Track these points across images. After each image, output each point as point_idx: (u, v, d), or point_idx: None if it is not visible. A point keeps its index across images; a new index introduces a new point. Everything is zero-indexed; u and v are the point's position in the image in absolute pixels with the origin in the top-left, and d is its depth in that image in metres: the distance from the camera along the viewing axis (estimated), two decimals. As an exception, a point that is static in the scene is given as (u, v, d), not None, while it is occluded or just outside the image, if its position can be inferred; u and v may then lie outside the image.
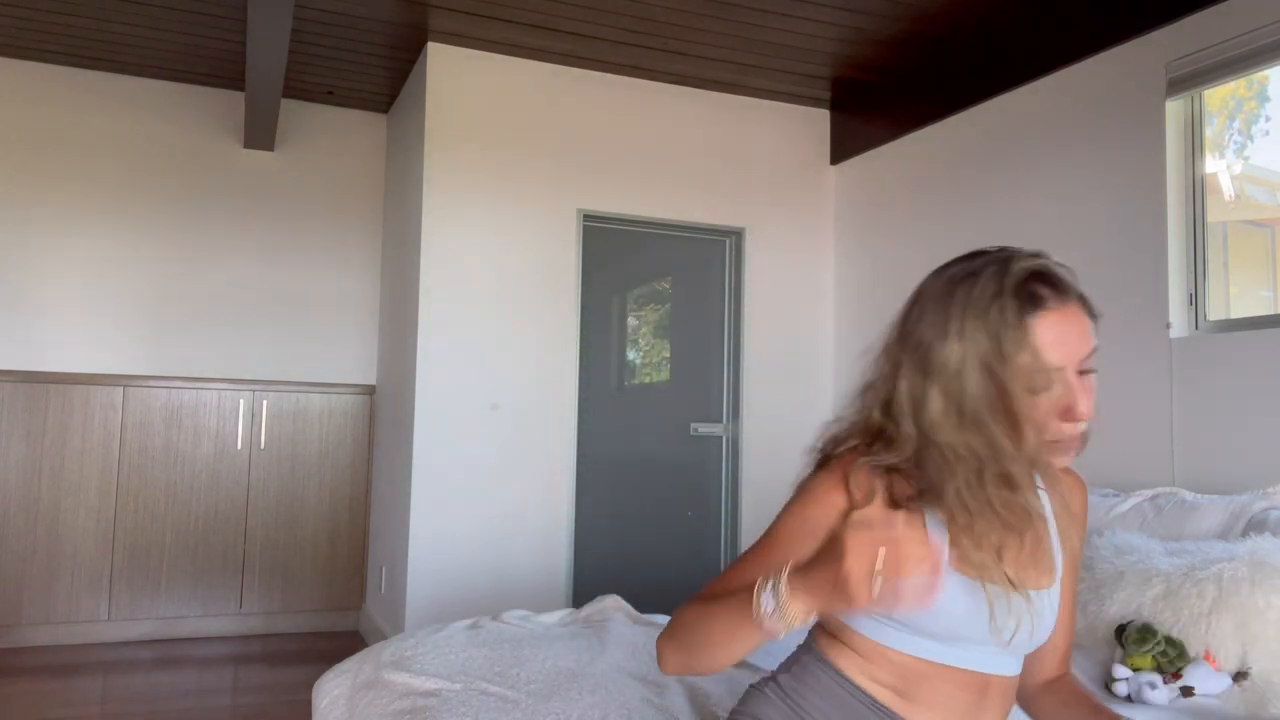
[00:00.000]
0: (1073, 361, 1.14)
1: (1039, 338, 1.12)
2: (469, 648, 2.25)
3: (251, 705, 3.70)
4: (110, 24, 4.11)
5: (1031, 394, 1.12)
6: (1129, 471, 3.19)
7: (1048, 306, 1.13)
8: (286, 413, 4.91)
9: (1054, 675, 1.36)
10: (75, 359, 4.59)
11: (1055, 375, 1.12)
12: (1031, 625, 1.21)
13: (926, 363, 1.17)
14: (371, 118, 5.16)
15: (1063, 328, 1.13)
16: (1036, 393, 1.12)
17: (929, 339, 1.17)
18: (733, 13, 3.80)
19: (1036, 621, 1.21)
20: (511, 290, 4.24)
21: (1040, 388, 1.12)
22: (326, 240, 5.06)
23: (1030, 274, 1.15)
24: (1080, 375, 1.15)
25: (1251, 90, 3.15)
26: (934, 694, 1.21)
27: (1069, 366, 1.13)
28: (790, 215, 4.78)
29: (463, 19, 3.92)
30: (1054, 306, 1.14)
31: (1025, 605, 1.20)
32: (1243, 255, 3.26)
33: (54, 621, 4.46)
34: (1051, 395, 1.12)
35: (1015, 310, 1.13)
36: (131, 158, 4.73)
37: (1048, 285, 1.15)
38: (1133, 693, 2.11)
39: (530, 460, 4.22)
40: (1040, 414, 1.13)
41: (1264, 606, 2.13)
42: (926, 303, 1.20)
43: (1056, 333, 1.13)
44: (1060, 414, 1.13)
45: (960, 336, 1.14)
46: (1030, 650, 1.26)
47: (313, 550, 4.91)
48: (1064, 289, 1.15)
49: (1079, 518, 1.32)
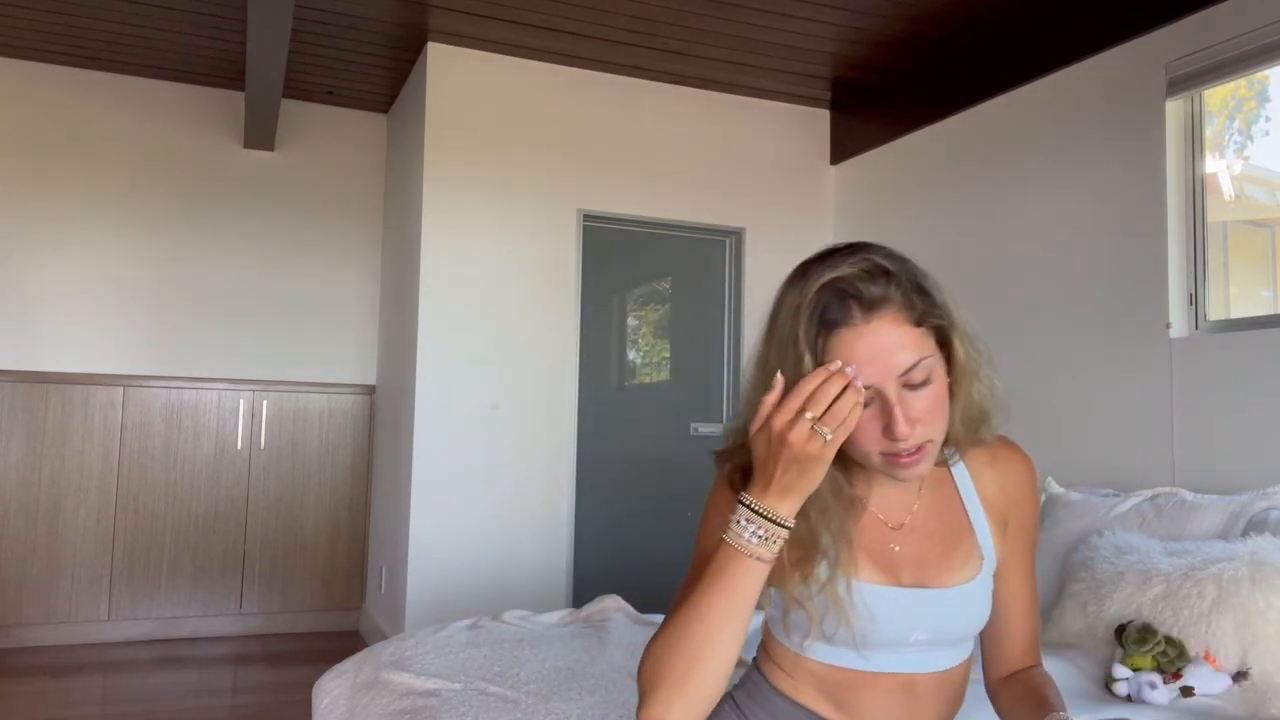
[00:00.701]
0: (886, 378, 1.06)
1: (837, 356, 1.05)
2: (469, 648, 2.25)
3: (251, 705, 3.70)
4: (110, 24, 4.11)
5: None
6: (1129, 471, 3.19)
7: (846, 324, 1.06)
8: (286, 413, 4.91)
9: (1020, 667, 1.30)
10: (75, 359, 4.59)
11: (866, 394, 1.05)
12: (942, 623, 1.19)
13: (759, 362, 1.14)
14: (371, 118, 5.17)
15: (863, 346, 1.05)
16: None
17: (761, 341, 1.15)
18: (733, 13, 3.80)
19: (951, 619, 1.20)
20: (511, 290, 4.24)
21: None
22: (326, 240, 5.06)
23: (825, 288, 1.07)
24: (908, 389, 1.07)
25: (1251, 90, 3.15)
26: (862, 701, 1.21)
27: (883, 383, 1.06)
28: (790, 215, 4.78)
29: (463, 19, 3.92)
30: (853, 324, 1.06)
31: (928, 603, 1.19)
32: (1243, 255, 3.26)
33: (54, 621, 4.46)
34: (870, 411, 1.06)
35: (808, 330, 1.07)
36: (131, 157, 4.73)
37: (845, 301, 1.06)
38: (1133, 693, 2.11)
39: (530, 460, 4.22)
40: (862, 434, 1.07)
41: (1264, 606, 2.13)
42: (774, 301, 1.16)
43: (855, 353, 1.05)
44: (882, 431, 1.07)
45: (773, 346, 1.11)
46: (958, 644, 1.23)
47: (313, 550, 4.91)
48: (864, 299, 1.06)
49: (1022, 499, 1.27)
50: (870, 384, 1.06)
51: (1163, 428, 3.12)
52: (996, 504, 1.26)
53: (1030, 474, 1.29)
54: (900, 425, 1.05)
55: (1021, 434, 3.92)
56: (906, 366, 1.06)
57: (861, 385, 1.03)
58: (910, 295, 1.09)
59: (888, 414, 1.06)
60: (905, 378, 1.07)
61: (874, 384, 1.06)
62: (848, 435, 1.02)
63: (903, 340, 1.07)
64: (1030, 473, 1.29)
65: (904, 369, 1.06)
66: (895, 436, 1.06)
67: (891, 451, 1.08)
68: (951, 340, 1.13)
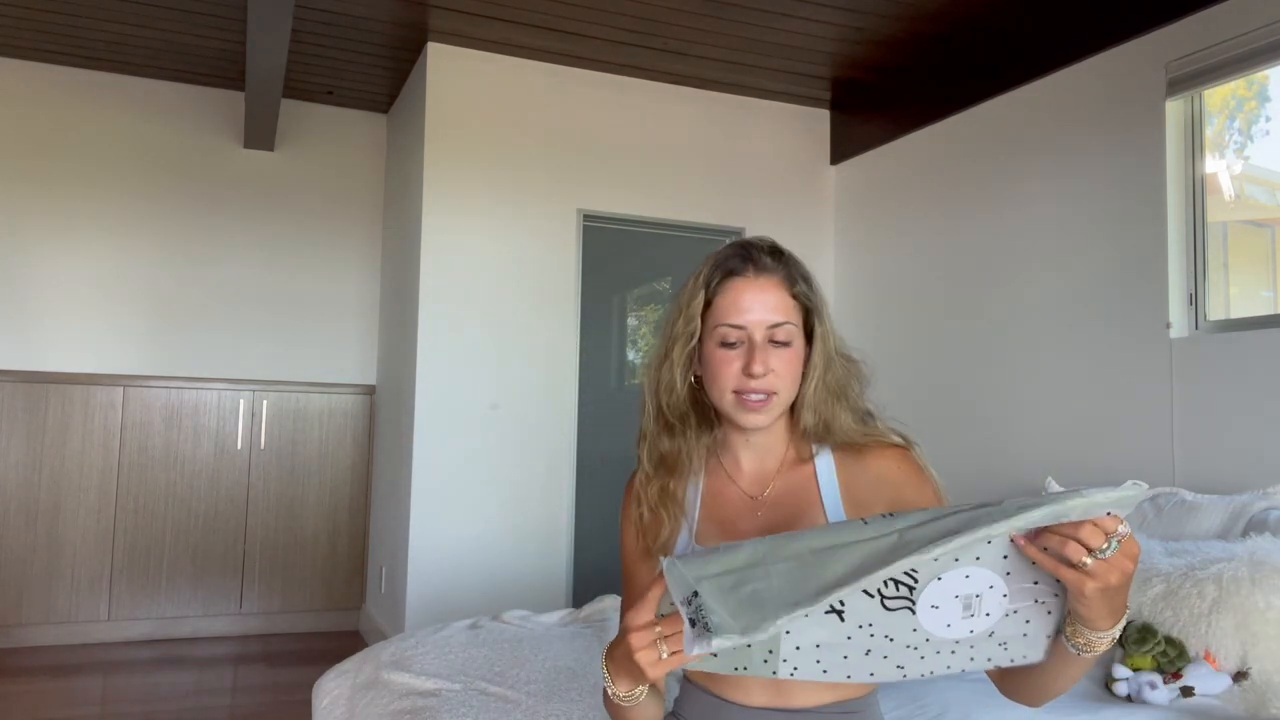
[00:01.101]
0: (757, 326, 1.29)
1: (725, 298, 1.30)
2: (469, 648, 2.25)
3: (251, 705, 3.70)
4: (110, 24, 4.11)
5: (720, 346, 1.29)
6: (1129, 471, 3.19)
7: (739, 274, 1.31)
8: (286, 413, 4.91)
9: None
10: (75, 359, 4.59)
11: (739, 333, 1.29)
12: None
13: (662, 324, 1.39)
14: (371, 118, 5.17)
15: (747, 292, 1.30)
16: (723, 345, 1.29)
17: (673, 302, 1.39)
18: (733, 13, 3.80)
19: None
20: (511, 290, 4.24)
21: (725, 340, 1.29)
22: (326, 240, 5.06)
23: (731, 248, 1.35)
24: (771, 344, 1.29)
25: (1251, 90, 3.15)
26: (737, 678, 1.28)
27: (754, 329, 1.29)
28: (790, 215, 4.78)
29: (463, 19, 3.92)
30: (745, 275, 1.31)
31: None
32: (1243, 255, 3.26)
33: (54, 621, 4.46)
34: (736, 351, 1.29)
35: (709, 273, 1.33)
36: (132, 157, 4.73)
37: (744, 260, 1.32)
38: (1133, 693, 2.11)
39: (530, 460, 4.22)
40: (726, 368, 1.29)
41: (1264, 606, 2.13)
42: None
43: (741, 296, 1.30)
44: (741, 369, 1.28)
45: (679, 295, 1.36)
46: None
47: (313, 550, 4.91)
48: (759, 263, 1.31)
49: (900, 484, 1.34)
50: (743, 325, 1.29)
51: (1163, 428, 3.12)
52: (858, 490, 1.34)
53: (899, 458, 1.36)
54: (756, 364, 1.27)
55: (1021, 433, 3.92)
56: (776, 321, 1.30)
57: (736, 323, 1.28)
58: (793, 273, 1.34)
59: (749, 354, 1.28)
60: (771, 331, 1.29)
61: (746, 327, 1.29)
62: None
63: (780, 301, 1.31)
64: (899, 458, 1.36)
65: (773, 323, 1.29)
66: (751, 373, 1.27)
67: (744, 390, 1.28)
68: (815, 330, 1.34)
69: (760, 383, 1.28)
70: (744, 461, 1.38)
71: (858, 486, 1.34)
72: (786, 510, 1.34)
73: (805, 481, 1.36)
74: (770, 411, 1.30)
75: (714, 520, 1.35)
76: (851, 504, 1.33)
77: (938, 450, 4.01)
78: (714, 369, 1.31)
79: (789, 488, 1.36)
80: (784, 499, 1.35)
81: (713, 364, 1.31)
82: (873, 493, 1.34)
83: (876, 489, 1.34)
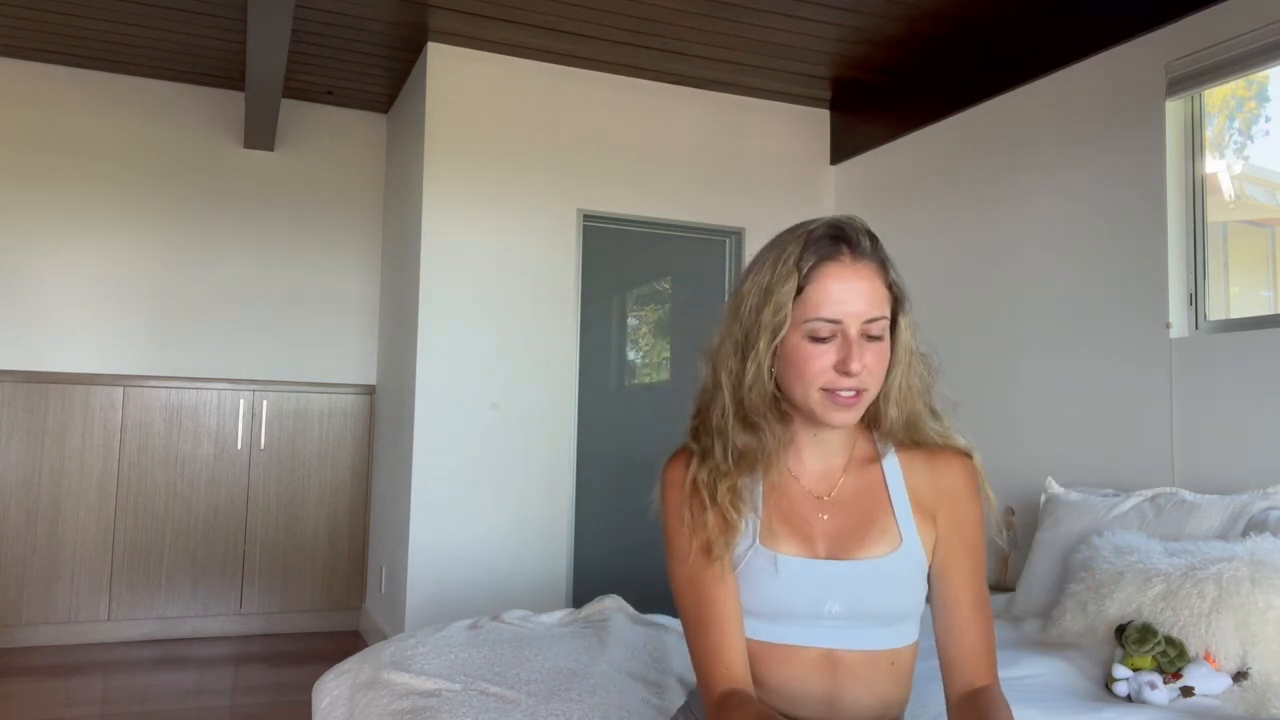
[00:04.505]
0: (854, 318, 1.18)
1: (819, 287, 1.18)
2: (469, 648, 2.25)
3: (251, 705, 3.70)
4: (110, 24, 4.11)
5: (809, 340, 1.19)
6: (1129, 471, 3.19)
7: (834, 259, 1.19)
8: (286, 413, 4.91)
9: (976, 684, 1.27)
10: (75, 359, 4.59)
11: (833, 327, 1.18)
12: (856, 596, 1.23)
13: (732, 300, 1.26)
14: (371, 118, 5.17)
15: (845, 282, 1.18)
16: (813, 340, 1.18)
17: (740, 282, 1.27)
18: (733, 13, 3.80)
19: (864, 592, 1.23)
20: (511, 290, 4.24)
21: (816, 335, 1.18)
22: (326, 240, 5.06)
23: (828, 226, 1.21)
24: (865, 339, 1.19)
25: (1251, 90, 3.15)
26: (780, 674, 1.24)
27: (850, 322, 1.18)
28: (790, 215, 4.73)
29: (463, 19, 3.92)
30: (842, 260, 1.19)
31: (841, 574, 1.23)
32: (1243, 255, 3.26)
33: (54, 621, 4.46)
34: (827, 345, 1.18)
35: (798, 256, 1.19)
36: (131, 158, 4.73)
37: (838, 242, 1.20)
38: (1133, 693, 2.11)
39: (530, 460, 4.22)
40: (816, 363, 1.18)
41: (1264, 606, 2.13)
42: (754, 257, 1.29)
43: (838, 285, 1.18)
44: (835, 366, 1.18)
45: (753, 276, 1.23)
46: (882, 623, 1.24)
47: (313, 550, 4.91)
48: (857, 247, 1.20)
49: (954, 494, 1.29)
50: (839, 319, 1.18)
51: (1163, 428, 3.12)
52: (924, 497, 1.29)
53: (966, 471, 1.30)
54: (854, 361, 1.17)
55: (1021, 433, 3.92)
56: (874, 315, 1.19)
57: (832, 318, 1.17)
58: (886, 260, 1.23)
59: (846, 349, 1.18)
60: (867, 326, 1.19)
61: (842, 320, 1.18)
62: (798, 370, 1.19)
63: (875, 291, 1.20)
64: (966, 470, 1.30)
65: (871, 316, 1.19)
66: (848, 370, 1.17)
67: (834, 388, 1.18)
68: (899, 321, 1.25)
69: (854, 380, 1.18)
70: (807, 458, 1.30)
71: (925, 492, 1.30)
72: (855, 512, 1.28)
73: (874, 483, 1.30)
74: (859, 409, 1.21)
75: (780, 520, 1.27)
76: (919, 509, 1.29)
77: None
78: (801, 364, 1.19)
79: (857, 488, 1.30)
80: (852, 501, 1.29)
81: (799, 358, 1.19)
82: (938, 501, 1.29)
83: (941, 498, 1.29)
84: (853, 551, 1.25)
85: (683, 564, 1.26)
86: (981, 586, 1.30)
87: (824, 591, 1.23)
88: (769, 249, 1.25)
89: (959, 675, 1.28)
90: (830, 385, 1.19)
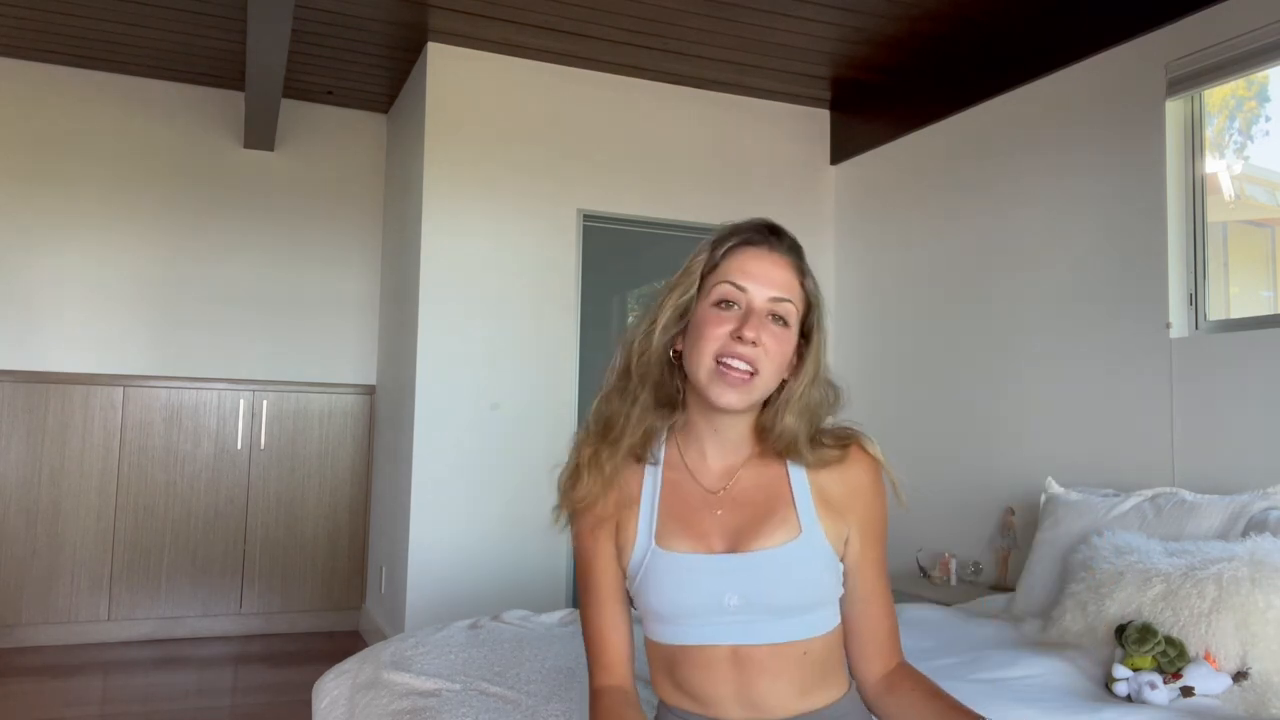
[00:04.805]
0: (760, 292, 1.22)
1: (734, 261, 1.24)
2: (469, 648, 2.25)
3: (251, 705, 3.70)
4: (110, 24, 4.11)
5: (713, 306, 1.23)
6: (1129, 471, 3.19)
7: (755, 244, 1.25)
8: (286, 413, 4.91)
9: (887, 666, 1.32)
10: (75, 359, 4.59)
11: (739, 294, 1.22)
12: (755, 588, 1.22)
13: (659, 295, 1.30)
14: (371, 118, 5.16)
15: (759, 261, 1.24)
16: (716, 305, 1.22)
17: None
18: (733, 13, 3.80)
19: (763, 584, 1.23)
20: (511, 290, 4.24)
21: (721, 299, 1.22)
22: (326, 240, 5.06)
23: (759, 222, 1.28)
24: (770, 318, 1.23)
25: (1251, 90, 3.15)
26: (694, 677, 1.26)
27: (753, 294, 1.22)
28: (790, 215, 4.78)
29: (463, 19, 3.92)
30: (761, 246, 1.25)
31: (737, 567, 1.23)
32: (1243, 255, 3.26)
33: (54, 621, 4.46)
34: (730, 314, 1.22)
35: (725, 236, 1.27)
36: (131, 157, 4.73)
37: (765, 232, 1.27)
38: (1133, 693, 2.11)
39: (530, 460, 4.21)
40: (715, 329, 1.21)
41: (1264, 606, 2.13)
42: None
43: (752, 262, 1.24)
44: (731, 332, 1.20)
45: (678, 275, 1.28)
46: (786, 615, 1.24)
47: (313, 550, 4.91)
48: (779, 241, 1.27)
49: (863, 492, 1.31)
50: (744, 287, 1.22)
51: (1163, 428, 3.12)
52: (832, 494, 1.29)
53: (873, 471, 1.32)
54: (749, 328, 1.20)
55: (1021, 433, 3.91)
56: (781, 296, 1.23)
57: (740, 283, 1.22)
58: (806, 268, 1.29)
59: (745, 318, 1.21)
60: (773, 304, 1.23)
61: (749, 291, 1.22)
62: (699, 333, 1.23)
63: (789, 281, 1.25)
64: (874, 470, 1.32)
65: (778, 296, 1.23)
66: (742, 335, 1.19)
67: (728, 357, 1.20)
68: (813, 334, 1.28)
69: (748, 352, 1.20)
70: (709, 454, 1.30)
71: (833, 490, 1.29)
72: (752, 506, 1.27)
73: (775, 478, 1.29)
74: (748, 393, 1.21)
75: (674, 519, 1.27)
76: (824, 504, 1.28)
77: (937, 450, 4.02)
78: (701, 328, 1.22)
79: (756, 483, 1.29)
80: (750, 494, 1.28)
81: (701, 323, 1.22)
82: (849, 500, 1.30)
83: (853, 497, 1.30)
84: (749, 544, 1.25)
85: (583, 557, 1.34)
86: (886, 572, 1.35)
87: (721, 585, 1.23)
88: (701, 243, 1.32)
89: (878, 659, 1.32)
90: (725, 353, 1.20)
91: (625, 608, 1.33)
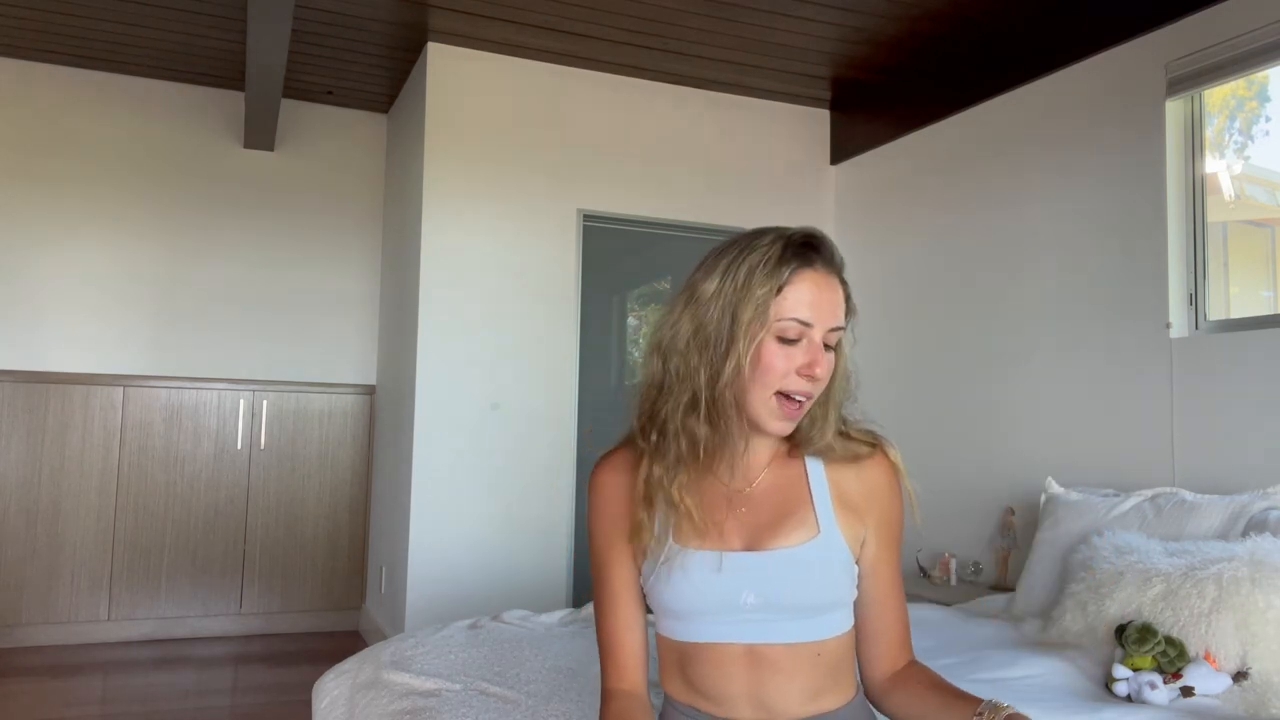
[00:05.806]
0: (823, 324, 1.21)
1: (797, 291, 1.20)
2: (469, 648, 2.25)
3: (251, 705, 3.70)
4: (110, 24, 4.11)
5: (777, 341, 1.20)
6: (1129, 471, 3.19)
7: (812, 266, 1.21)
8: (286, 413, 4.91)
9: (896, 666, 1.33)
10: (75, 359, 4.59)
11: (803, 330, 1.20)
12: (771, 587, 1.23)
13: (690, 296, 1.25)
14: (371, 118, 5.16)
15: (819, 289, 1.21)
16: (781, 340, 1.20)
17: (699, 278, 1.25)
18: (733, 13, 3.80)
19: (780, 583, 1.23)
20: (511, 290, 4.24)
21: (784, 336, 1.20)
22: (326, 240, 5.06)
23: (805, 235, 1.23)
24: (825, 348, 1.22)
25: (1251, 90, 3.15)
26: (708, 675, 1.26)
27: (817, 327, 1.21)
28: (790, 215, 4.77)
29: (463, 19, 3.92)
30: (817, 268, 1.22)
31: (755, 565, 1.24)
32: (1243, 255, 3.26)
33: (54, 621, 4.46)
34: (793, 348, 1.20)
35: (778, 260, 1.20)
36: (131, 157, 4.73)
37: (814, 248, 1.23)
38: (1133, 693, 2.11)
39: (530, 460, 4.21)
40: (781, 364, 1.20)
41: (1264, 606, 2.13)
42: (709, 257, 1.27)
43: (812, 291, 1.20)
44: (799, 369, 1.20)
45: (724, 274, 1.22)
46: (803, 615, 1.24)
47: (313, 550, 4.91)
48: (830, 258, 1.24)
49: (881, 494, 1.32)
50: (811, 323, 1.20)
51: (1163, 428, 3.12)
52: (850, 495, 1.30)
53: (892, 474, 1.33)
54: (820, 365, 1.20)
55: (1021, 433, 3.91)
56: (838, 325, 1.23)
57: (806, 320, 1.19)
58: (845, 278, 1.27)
59: (814, 352, 1.20)
60: (830, 334, 1.23)
61: (813, 324, 1.20)
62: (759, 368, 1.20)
63: (840, 303, 1.24)
64: (892, 473, 1.33)
65: (836, 325, 1.23)
66: (813, 374, 1.20)
67: (791, 391, 1.20)
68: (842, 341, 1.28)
69: (808, 386, 1.21)
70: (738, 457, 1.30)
71: (851, 491, 1.31)
72: (771, 505, 1.28)
73: (794, 478, 1.30)
74: (800, 417, 1.25)
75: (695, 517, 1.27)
76: (842, 504, 1.30)
77: (937, 450, 4.02)
78: (766, 363, 1.20)
79: (775, 483, 1.30)
80: (770, 494, 1.29)
81: (765, 358, 1.20)
82: (867, 501, 1.31)
83: (871, 498, 1.31)
84: (767, 543, 1.26)
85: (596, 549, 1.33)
86: (900, 575, 1.36)
87: (739, 583, 1.24)
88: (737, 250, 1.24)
89: (890, 657, 1.34)
90: (788, 389, 1.21)
91: (640, 609, 1.33)
